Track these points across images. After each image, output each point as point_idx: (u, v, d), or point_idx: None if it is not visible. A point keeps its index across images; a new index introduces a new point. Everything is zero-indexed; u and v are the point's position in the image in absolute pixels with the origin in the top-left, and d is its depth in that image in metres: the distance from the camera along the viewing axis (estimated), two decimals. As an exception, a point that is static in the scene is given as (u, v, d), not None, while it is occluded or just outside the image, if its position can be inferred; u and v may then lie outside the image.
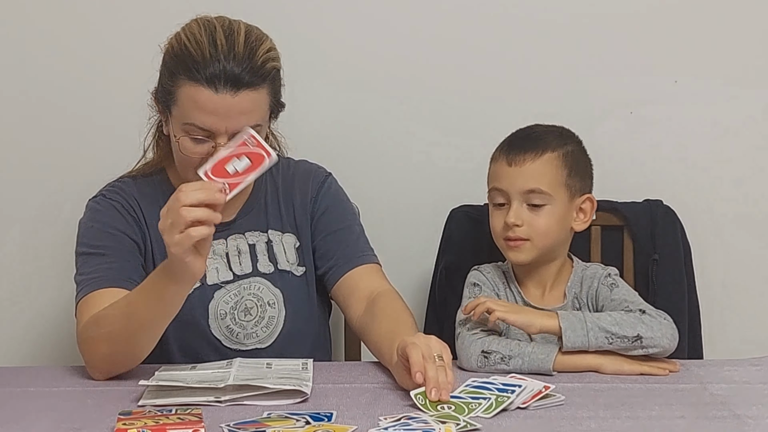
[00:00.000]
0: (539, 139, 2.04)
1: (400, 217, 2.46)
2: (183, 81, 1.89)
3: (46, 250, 2.45)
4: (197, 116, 1.88)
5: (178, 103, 1.91)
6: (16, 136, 2.43)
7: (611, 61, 2.43)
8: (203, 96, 1.87)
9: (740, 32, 2.42)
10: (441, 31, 2.42)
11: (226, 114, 1.87)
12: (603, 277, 2.04)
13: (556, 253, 2.06)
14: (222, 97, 1.87)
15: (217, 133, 1.88)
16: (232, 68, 1.87)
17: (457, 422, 1.57)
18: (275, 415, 1.64)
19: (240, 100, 1.88)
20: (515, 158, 2.02)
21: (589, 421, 1.63)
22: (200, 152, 1.90)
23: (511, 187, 2.02)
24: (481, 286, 2.07)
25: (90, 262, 1.99)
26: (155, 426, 1.54)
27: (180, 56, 1.90)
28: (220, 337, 2.04)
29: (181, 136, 1.91)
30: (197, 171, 1.75)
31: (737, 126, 2.45)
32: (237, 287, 2.05)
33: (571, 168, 2.04)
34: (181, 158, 1.94)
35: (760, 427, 1.60)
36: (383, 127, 2.44)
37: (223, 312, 2.04)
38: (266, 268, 2.07)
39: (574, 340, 1.87)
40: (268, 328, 2.06)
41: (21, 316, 2.49)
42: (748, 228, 2.47)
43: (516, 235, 2.01)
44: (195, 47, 1.88)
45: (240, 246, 2.06)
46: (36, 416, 1.67)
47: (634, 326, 1.88)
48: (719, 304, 2.45)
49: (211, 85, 1.86)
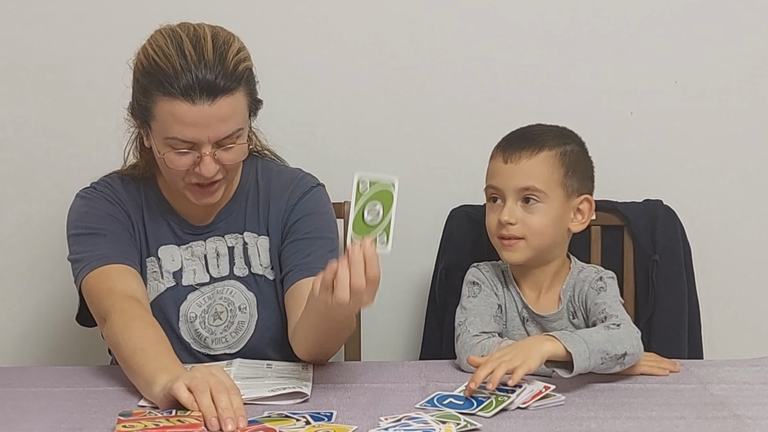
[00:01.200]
0: (537, 138, 2.04)
1: (400, 217, 2.45)
2: (158, 97, 1.86)
3: (46, 250, 2.45)
4: (178, 130, 1.86)
5: (156, 118, 1.88)
6: (16, 136, 2.43)
7: (611, 61, 2.43)
8: (181, 110, 1.84)
9: (740, 32, 2.42)
10: (441, 30, 2.42)
11: (206, 124, 1.85)
12: (594, 281, 2.02)
13: (552, 254, 2.05)
14: (200, 108, 1.84)
15: (200, 144, 1.87)
16: (205, 77, 1.84)
17: (458, 422, 1.57)
18: (275, 414, 1.64)
19: (218, 108, 1.85)
20: (511, 155, 2.01)
21: (589, 421, 1.63)
22: (186, 163, 1.89)
23: (506, 184, 2.01)
24: (480, 284, 2.06)
25: (89, 240, 1.98)
26: (155, 428, 1.54)
27: (151, 72, 1.87)
28: (189, 340, 2.03)
29: (166, 151, 1.89)
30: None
31: (737, 126, 2.44)
32: (211, 290, 2.04)
33: (568, 167, 2.02)
34: (168, 171, 1.94)
35: (760, 427, 1.60)
36: (383, 127, 2.44)
37: (192, 315, 2.03)
38: (241, 271, 2.05)
39: (583, 365, 1.77)
40: (237, 333, 2.04)
41: (21, 316, 2.49)
42: (748, 228, 2.47)
43: (510, 233, 2.00)
44: (164, 61, 1.85)
45: (219, 248, 2.05)
46: (36, 416, 1.67)
47: (621, 342, 1.82)
48: (719, 304, 2.45)
49: (188, 97, 1.83)
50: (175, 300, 2.03)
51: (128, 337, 1.81)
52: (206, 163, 1.88)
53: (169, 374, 1.70)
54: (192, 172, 1.90)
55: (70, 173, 2.41)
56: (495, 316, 2.02)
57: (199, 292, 2.04)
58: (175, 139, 1.87)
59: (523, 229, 1.99)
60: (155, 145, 1.92)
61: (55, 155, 2.43)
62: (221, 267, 2.05)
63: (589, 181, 2.09)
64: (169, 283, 2.03)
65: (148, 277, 2.02)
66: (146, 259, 2.03)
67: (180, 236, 2.04)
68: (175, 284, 2.03)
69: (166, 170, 1.94)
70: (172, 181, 1.96)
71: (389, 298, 2.45)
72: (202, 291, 2.04)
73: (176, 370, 1.74)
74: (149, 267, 2.03)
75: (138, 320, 1.85)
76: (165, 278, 2.03)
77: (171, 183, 1.98)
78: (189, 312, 2.03)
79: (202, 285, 2.04)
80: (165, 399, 1.66)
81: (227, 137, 1.88)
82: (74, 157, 2.43)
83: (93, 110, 2.42)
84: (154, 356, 1.78)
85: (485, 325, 1.99)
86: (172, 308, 2.03)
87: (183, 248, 2.04)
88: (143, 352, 1.78)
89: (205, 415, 1.59)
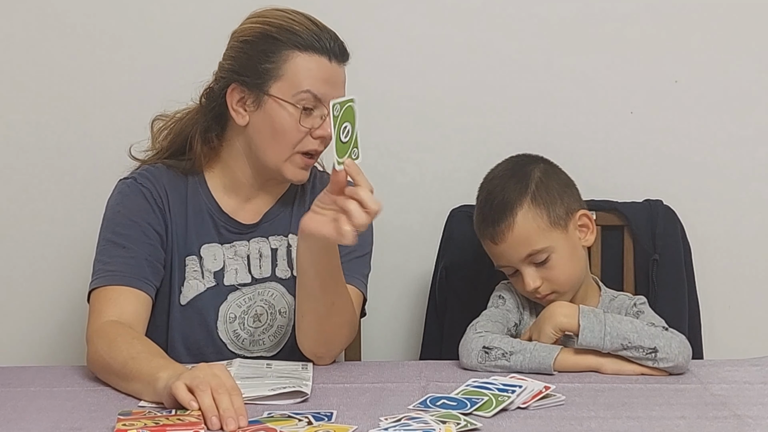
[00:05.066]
0: (504, 204, 2.00)
1: (400, 217, 2.46)
2: (294, 54, 1.92)
3: (46, 250, 2.45)
4: (314, 84, 1.92)
5: (285, 77, 1.93)
6: (17, 136, 2.43)
7: (611, 61, 2.43)
8: (321, 64, 1.93)
9: (740, 32, 2.42)
10: (441, 31, 2.42)
11: (336, 83, 1.95)
12: (629, 307, 2.03)
13: (579, 280, 2.05)
14: (334, 67, 1.95)
15: (325, 103, 1.90)
16: (337, 40, 1.96)
17: (458, 422, 1.57)
18: (277, 414, 1.64)
19: (342, 73, 1.97)
20: (495, 236, 2.00)
21: (589, 421, 1.62)
22: (311, 123, 1.93)
23: (510, 260, 2.01)
24: (506, 299, 2.06)
25: (110, 251, 1.96)
26: (155, 426, 1.54)
27: (281, 33, 1.93)
28: (226, 341, 2.03)
29: (291, 110, 1.92)
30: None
31: (737, 126, 2.45)
32: (252, 291, 2.04)
33: (546, 205, 2.00)
34: (287, 135, 1.94)
35: (761, 427, 1.60)
36: (383, 127, 2.44)
37: (232, 315, 2.03)
38: (284, 273, 2.05)
39: (590, 341, 1.87)
40: (276, 336, 2.05)
41: (21, 316, 2.49)
42: (748, 228, 2.47)
43: (542, 294, 2.01)
44: (298, 24, 1.94)
45: (262, 249, 2.05)
46: (36, 416, 1.67)
47: (653, 338, 1.86)
48: (719, 304, 2.45)
49: (326, 54, 1.93)
50: (214, 300, 2.02)
51: (116, 354, 1.80)
52: (328, 122, 1.87)
53: (170, 371, 1.70)
54: (308, 139, 1.94)
55: (74, 173, 2.41)
56: (508, 329, 2.02)
57: (240, 293, 2.03)
58: (308, 93, 1.92)
59: (551, 285, 2.00)
60: (276, 108, 1.93)
61: (58, 155, 2.43)
62: (263, 268, 2.04)
63: (572, 195, 2.05)
64: (210, 283, 2.01)
65: (187, 276, 2.01)
66: (186, 258, 2.01)
67: (224, 235, 2.03)
68: (216, 284, 2.02)
69: (283, 137, 1.94)
70: (279, 150, 1.95)
71: (389, 298, 2.46)
72: (243, 291, 2.03)
73: (176, 366, 1.73)
74: (189, 266, 2.01)
75: (121, 337, 1.84)
76: (206, 278, 2.01)
77: (273, 153, 1.96)
78: (229, 312, 2.02)
79: (244, 285, 2.03)
80: (170, 396, 1.65)
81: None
82: (78, 157, 2.43)
83: (93, 111, 2.42)
84: (148, 360, 1.77)
85: (494, 329, 1.98)
86: (212, 308, 2.01)
87: (226, 247, 2.03)
88: (134, 360, 1.77)
89: (206, 414, 1.59)
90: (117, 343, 1.83)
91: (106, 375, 1.84)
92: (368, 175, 2.33)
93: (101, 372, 1.85)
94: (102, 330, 1.87)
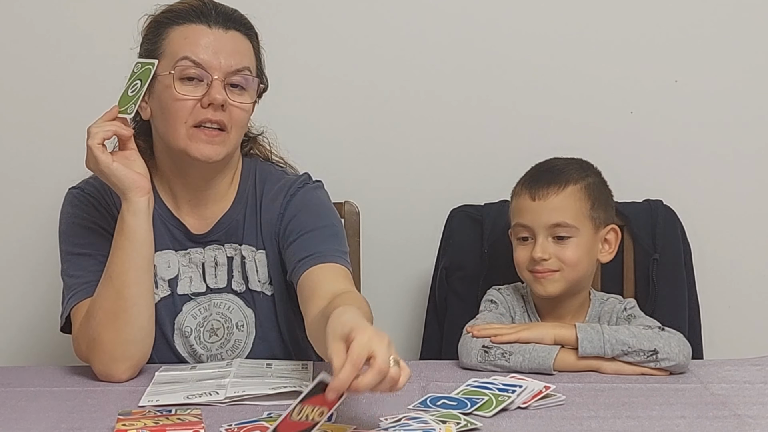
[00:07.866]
0: (561, 173, 2.03)
1: (400, 217, 2.46)
2: (171, 28, 1.90)
3: (45, 250, 2.45)
4: (190, 49, 1.87)
5: (166, 52, 1.89)
6: (12, 135, 2.43)
7: (611, 60, 2.43)
8: (196, 31, 1.88)
9: (740, 32, 2.42)
10: (441, 31, 2.42)
11: (218, 48, 1.87)
12: (620, 312, 2.04)
13: (581, 286, 2.06)
14: (214, 32, 1.88)
15: (211, 69, 1.86)
16: (220, 8, 1.91)
17: (458, 422, 1.57)
18: (276, 414, 1.64)
19: (231, 37, 1.90)
20: (538, 192, 2.01)
21: (589, 421, 1.63)
22: (194, 94, 1.87)
23: (535, 221, 2.01)
24: (498, 303, 2.07)
25: (77, 263, 1.95)
26: (155, 426, 1.54)
27: (164, 15, 1.92)
28: (184, 354, 2.00)
29: (173, 84, 1.86)
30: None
31: (737, 126, 2.45)
32: (207, 301, 1.99)
33: (594, 200, 2.03)
34: (172, 113, 1.88)
35: (761, 427, 1.60)
36: (383, 127, 2.44)
37: (188, 329, 1.99)
38: (239, 286, 2.00)
39: (590, 352, 1.87)
40: (234, 351, 2.01)
41: (21, 316, 2.49)
42: (748, 228, 2.47)
43: (545, 267, 2.00)
44: (180, 4, 1.92)
45: (218, 257, 2.00)
46: (36, 416, 1.67)
47: (651, 340, 1.87)
48: (719, 304, 2.45)
49: (204, 21, 1.89)
50: (169, 312, 1.98)
51: (91, 304, 1.87)
52: (215, 87, 1.85)
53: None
54: (198, 109, 1.87)
55: (70, 171, 2.40)
56: None
57: (194, 302, 1.99)
58: (186, 60, 1.87)
59: (558, 262, 2.00)
60: (160, 87, 1.88)
61: (53, 153, 2.43)
62: (219, 277, 2.00)
63: (612, 211, 2.10)
64: (164, 292, 1.98)
65: None
66: None
67: (179, 241, 1.99)
68: (170, 293, 1.98)
69: (170, 112, 1.88)
70: (174, 128, 1.88)
71: (389, 298, 2.46)
72: (197, 301, 1.99)
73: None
74: None
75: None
76: (160, 287, 1.97)
77: (172, 134, 1.89)
78: (184, 326, 1.98)
79: (198, 295, 1.99)
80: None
81: (237, 72, 1.88)
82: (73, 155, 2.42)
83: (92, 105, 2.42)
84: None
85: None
86: (167, 320, 1.98)
87: (181, 254, 1.99)
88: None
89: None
90: (90, 306, 1.88)
91: (113, 320, 1.83)
92: (368, 175, 2.36)
93: (91, 318, 1.86)
94: (81, 325, 1.89)
